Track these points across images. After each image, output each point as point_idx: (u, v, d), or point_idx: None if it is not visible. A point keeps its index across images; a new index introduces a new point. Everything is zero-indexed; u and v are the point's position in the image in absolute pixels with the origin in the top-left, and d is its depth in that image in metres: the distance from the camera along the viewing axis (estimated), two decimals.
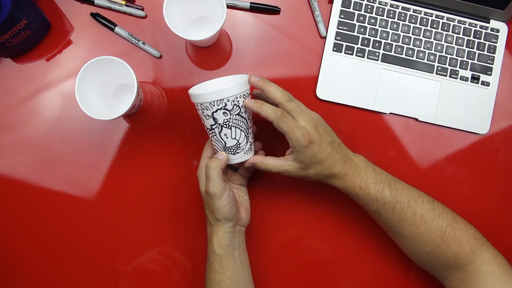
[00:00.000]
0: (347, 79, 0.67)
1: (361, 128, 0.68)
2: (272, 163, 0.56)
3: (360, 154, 0.59)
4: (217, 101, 0.52)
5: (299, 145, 0.52)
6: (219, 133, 0.54)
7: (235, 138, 0.55)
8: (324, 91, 0.67)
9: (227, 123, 0.54)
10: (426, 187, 0.61)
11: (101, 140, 0.65)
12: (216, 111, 0.53)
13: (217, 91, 0.51)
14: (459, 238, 0.54)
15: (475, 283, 0.53)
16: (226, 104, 0.52)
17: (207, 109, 0.53)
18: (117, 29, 0.66)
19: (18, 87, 0.65)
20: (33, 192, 0.65)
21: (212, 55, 0.67)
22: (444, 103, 0.68)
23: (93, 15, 0.66)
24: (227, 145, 0.55)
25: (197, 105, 0.54)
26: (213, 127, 0.54)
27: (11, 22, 0.58)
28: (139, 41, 0.66)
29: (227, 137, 0.55)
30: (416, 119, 0.68)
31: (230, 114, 0.53)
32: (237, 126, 0.54)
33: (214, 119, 0.53)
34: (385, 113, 0.68)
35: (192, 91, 0.55)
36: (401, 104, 0.67)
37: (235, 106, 0.53)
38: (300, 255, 0.66)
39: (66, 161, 0.65)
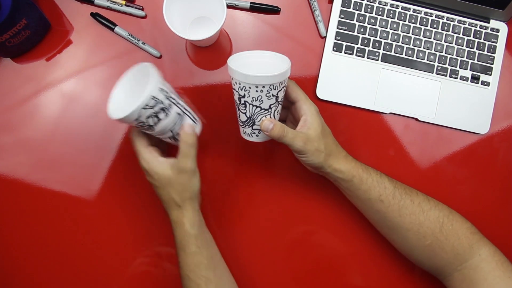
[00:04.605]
0: (347, 79, 0.67)
1: (361, 128, 0.67)
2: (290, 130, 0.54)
3: (360, 154, 0.59)
4: (286, 80, 0.53)
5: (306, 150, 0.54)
6: (276, 109, 0.55)
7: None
8: (324, 91, 0.67)
9: (281, 101, 0.55)
10: (426, 187, 0.61)
11: (101, 140, 0.65)
12: (281, 89, 0.54)
13: (288, 69, 0.53)
14: (457, 230, 0.55)
15: (476, 282, 0.53)
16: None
17: (281, 84, 0.53)
18: (117, 29, 0.66)
19: (18, 87, 0.65)
20: (33, 192, 0.65)
21: (212, 55, 0.67)
22: (444, 103, 0.68)
23: (93, 15, 0.66)
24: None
25: (270, 85, 0.52)
26: (280, 101, 0.55)
27: (11, 22, 0.58)
28: (139, 41, 0.66)
29: (278, 114, 0.56)
30: (416, 119, 0.68)
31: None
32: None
33: (276, 97, 0.54)
34: (385, 113, 0.68)
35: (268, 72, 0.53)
36: (401, 104, 0.67)
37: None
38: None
39: (66, 161, 0.65)
